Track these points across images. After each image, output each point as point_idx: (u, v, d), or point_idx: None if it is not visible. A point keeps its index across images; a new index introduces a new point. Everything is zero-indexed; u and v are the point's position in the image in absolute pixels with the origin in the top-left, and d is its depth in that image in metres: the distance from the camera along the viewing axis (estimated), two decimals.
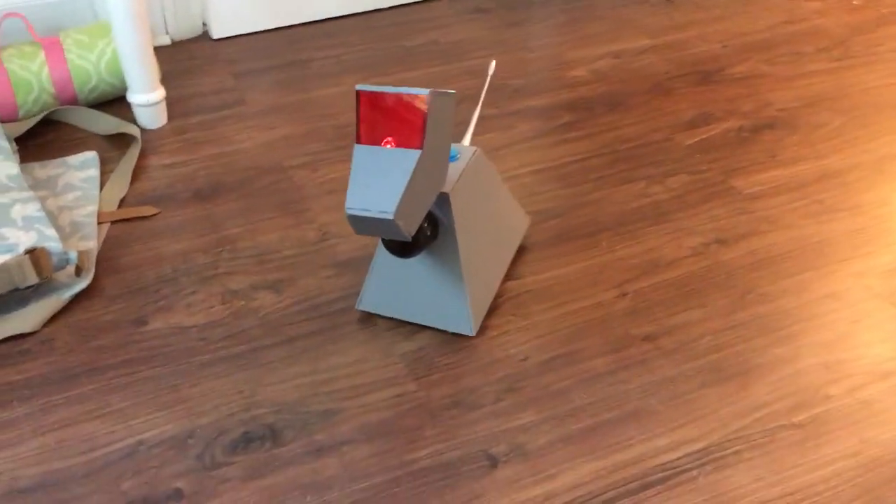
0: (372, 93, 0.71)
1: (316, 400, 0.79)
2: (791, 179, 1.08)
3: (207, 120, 1.20)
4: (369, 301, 0.87)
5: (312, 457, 0.74)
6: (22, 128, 1.13)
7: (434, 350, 0.84)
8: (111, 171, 1.09)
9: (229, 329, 0.87)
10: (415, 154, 0.71)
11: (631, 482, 0.72)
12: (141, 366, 0.83)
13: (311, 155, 1.13)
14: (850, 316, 0.88)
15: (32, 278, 0.86)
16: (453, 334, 0.85)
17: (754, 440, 0.75)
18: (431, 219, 0.80)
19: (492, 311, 0.89)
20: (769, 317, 0.88)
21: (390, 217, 0.70)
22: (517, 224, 0.95)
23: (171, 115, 1.21)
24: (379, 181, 0.71)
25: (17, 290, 0.87)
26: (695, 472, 0.73)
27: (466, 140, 0.91)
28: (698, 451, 0.74)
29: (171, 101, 1.23)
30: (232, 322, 0.88)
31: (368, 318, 0.88)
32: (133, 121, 1.19)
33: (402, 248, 0.79)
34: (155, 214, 1.03)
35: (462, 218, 0.82)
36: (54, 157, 1.12)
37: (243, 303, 0.90)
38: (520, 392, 0.80)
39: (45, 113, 1.16)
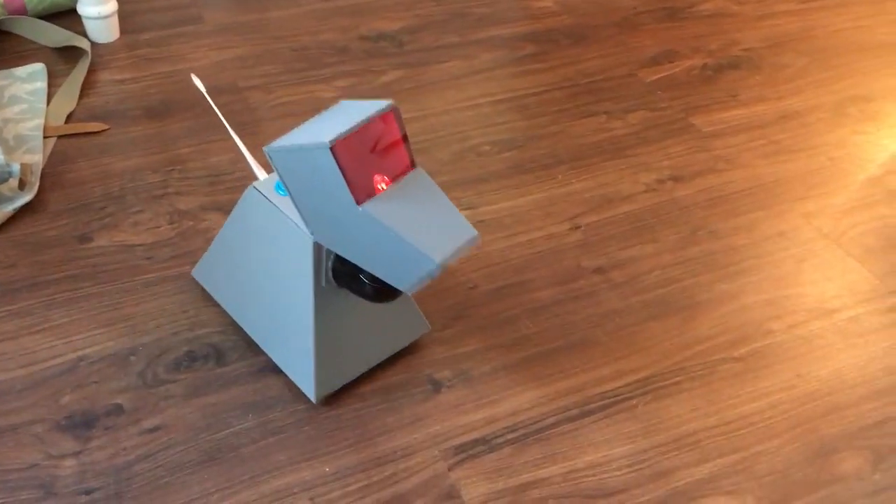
0: (345, 140, 0.57)
1: None
2: (751, 119, 1.08)
3: (161, 36, 1.17)
4: (328, 383, 0.72)
5: (256, 377, 0.74)
6: None
7: None
8: (59, 85, 1.06)
9: (176, 249, 0.85)
10: (420, 172, 0.60)
11: (572, 409, 0.73)
12: (84, 282, 0.81)
13: (265, 77, 1.10)
14: (797, 255, 0.89)
15: None
16: None
17: (694, 372, 0.77)
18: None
19: None
20: (718, 254, 0.89)
21: (475, 233, 0.59)
22: None
23: (124, 30, 1.17)
24: (428, 217, 0.59)
25: None
26: (634, 401, 0.74)
27: (262, 175, 0.75)
28: (639, 380, 0.75)
29: (123, 16, 1.19)
30: (179, 242, 0.86)
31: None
32: (84, 34, 1.14)
33: (392, 289, 0.66)
34: (104, 130, 1.00)
35: None
36: (0, 68, 1.08)
37: (191, 223, 0.88)
38: (467, 320, 0.80)
39: None
